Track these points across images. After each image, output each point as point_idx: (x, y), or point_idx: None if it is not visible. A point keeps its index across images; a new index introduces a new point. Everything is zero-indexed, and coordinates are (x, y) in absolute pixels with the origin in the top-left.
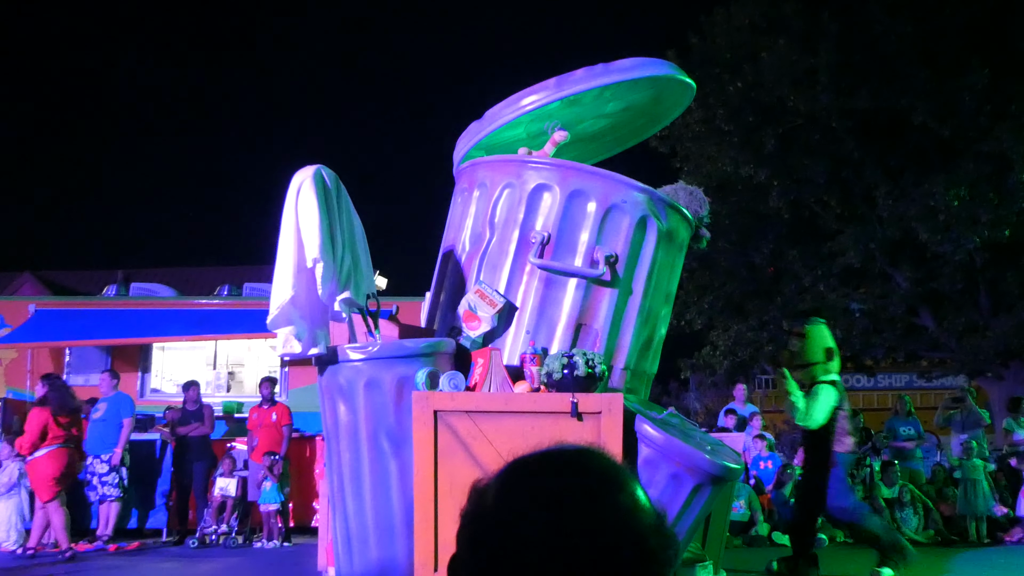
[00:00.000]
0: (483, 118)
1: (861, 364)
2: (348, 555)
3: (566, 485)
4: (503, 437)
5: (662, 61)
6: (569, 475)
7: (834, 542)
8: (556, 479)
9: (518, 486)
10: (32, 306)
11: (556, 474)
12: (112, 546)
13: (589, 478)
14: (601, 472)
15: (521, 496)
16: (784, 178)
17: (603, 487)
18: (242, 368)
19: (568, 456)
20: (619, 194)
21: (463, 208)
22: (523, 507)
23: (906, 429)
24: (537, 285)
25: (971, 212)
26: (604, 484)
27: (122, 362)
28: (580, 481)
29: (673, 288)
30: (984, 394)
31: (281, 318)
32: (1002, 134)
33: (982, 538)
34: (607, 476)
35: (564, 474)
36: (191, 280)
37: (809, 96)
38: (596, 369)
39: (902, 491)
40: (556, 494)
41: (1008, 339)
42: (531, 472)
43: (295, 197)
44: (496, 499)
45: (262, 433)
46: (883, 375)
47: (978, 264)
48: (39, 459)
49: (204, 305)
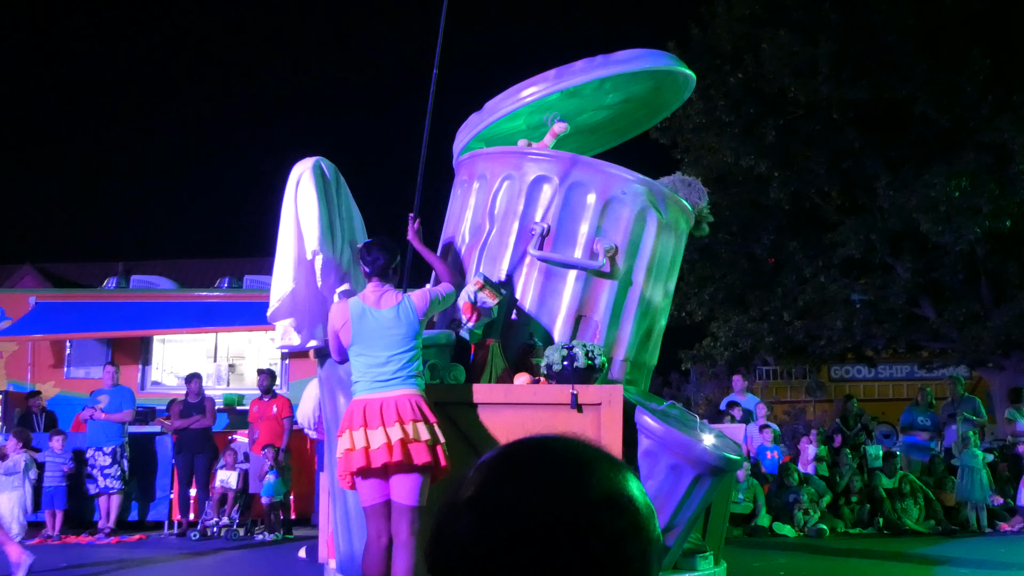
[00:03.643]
0: (483, 110)
1: (862, 355)
2: (348, 545)
3: (549, 470)
4: (503, 429)
5: (662, 52)
6: (551, 461)
7: (835, 532)
8: (539, 465)
9: (498, 473)
10: (32, 298)
11: (540, 460)
12: (114, 538)
13: (572, 463)
14: (587, 458)
15: (501, 483)
16: (785, 169)
17: (588, 471)
18: (243, 360)
19: (554, 443)
20: (619, 186)
21: (463, 200)
22: (505, 493)
23: (923, 419)
24: (537, 277)
25: (972, 203)
26: (589, 468)
27: (122, 354)
28: (563, 467)
29: (673, 279)
30: (985, 384)
31: (281, 310)
32: (1003, 124)
33: (982, 528)
34: (592, 461)
35: (548, 460)
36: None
37: (810, 87)
38: (596, 361)
39: (902, 481)
40: (538, 479)
41: (1009, 329)
42: (514, 459)
43: (294, 189)
44: (476, 487)
45: (263, 426)
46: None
47: (979, 255)
48: None
49: (204, 297)
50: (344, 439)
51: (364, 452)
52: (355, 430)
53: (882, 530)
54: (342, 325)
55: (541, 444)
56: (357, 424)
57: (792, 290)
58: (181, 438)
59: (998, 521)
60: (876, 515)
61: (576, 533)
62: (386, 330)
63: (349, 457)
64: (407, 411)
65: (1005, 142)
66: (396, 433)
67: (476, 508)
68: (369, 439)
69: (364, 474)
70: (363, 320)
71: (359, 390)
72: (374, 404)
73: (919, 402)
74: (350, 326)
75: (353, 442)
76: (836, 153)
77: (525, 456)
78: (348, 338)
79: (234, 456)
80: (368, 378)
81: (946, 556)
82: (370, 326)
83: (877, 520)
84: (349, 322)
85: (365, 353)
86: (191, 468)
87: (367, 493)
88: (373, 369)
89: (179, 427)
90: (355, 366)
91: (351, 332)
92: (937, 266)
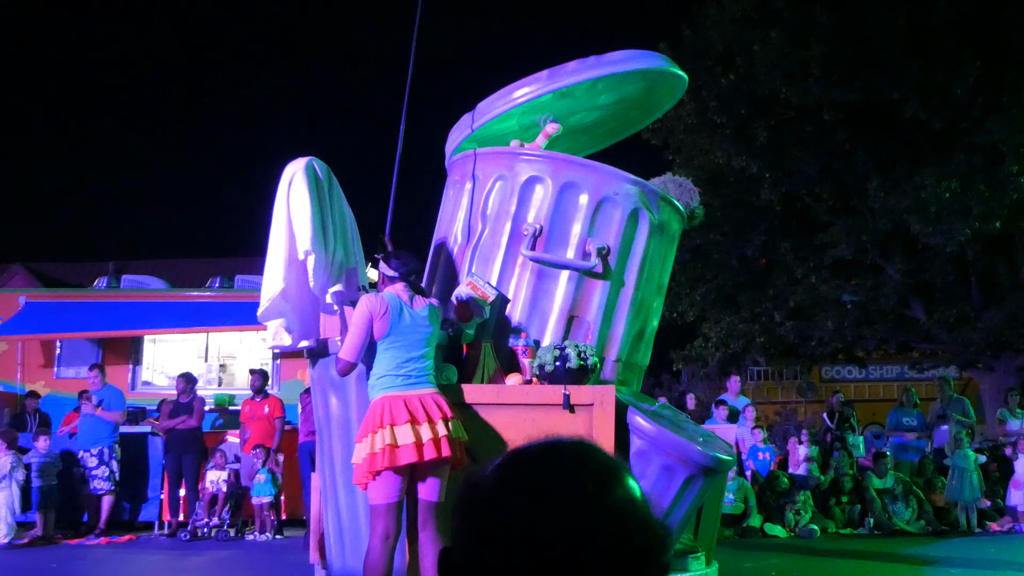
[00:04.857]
0: (475, 110)
1: (853, 355)
2: (340, 548)
3: (565, 478)
4: (495, 429)
5: (654, 53)
6: (567, 469)
7: (826, 533)
8: (554, 472)
9: (515, 480)
10: (22, 298)
11: (555, 467)
12: (104, 539)
13: (587, 472)
14: (599, 467)
15: (519, 490)
16: (776, 170)
17: (601, 482)
18: (234, 361)
19: (566, 449)
20: (611, 186)
21: (455, 200)
22: (521, 501)
23: (909, 420)
24: (529, 277)
25: (962, 204)
26: (602, 479)
27: (113, 354)
28: (578, 475)
29: (665, 280)
30: (975, 385)
31: (271, 311)
32: (993, 126)
33: (972, 528)
34: (605, 471)
35: (563, 467)
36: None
37: (801, 88)
38: (588, 361)
39: (895, 482)
40: (553, 488)
41: (999, 331)
42: (529, 465)
43: (287, 189)
44: (492, 492)
45: (254, 426)
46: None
47: (969, 256)
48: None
49: (195, 297)
50: (365, 444)
51: (390, 450)
52: (378, 431)
53: (873, 530)
54: (383, 314)
55: (568, 452)
56: (385, 422)
57: (783, 291)
58: (169, 438)
59: (987, 521)
60: (867, 515)
61: (598, 550)
62: (421, 328)
63: (373, 458)
64: (435, 409)
65: (995, 144)
66: (427, 432)
67: (495, 518)
68: (396, 436)
69: (384, 471)
70: (402, 315)
71: (384, 385)
72: (398, 401)
73: (904, 403)
74: (389, 317)
75: (373, 445)
76: (827, 154)
77: (546, 463)
78: (384, 329)
79: (224, 456)
80: (397, 373)
81: (937, 556)
82: (407, 322)
83: (868, 520)
84: (389, 313)
85: (396, 347)
86: (180, 468)
87: (384, 491)
88: (404, 365)
89: (167, 427)
90: (382, 360)
91: (389, 323)
92: (928, 267)
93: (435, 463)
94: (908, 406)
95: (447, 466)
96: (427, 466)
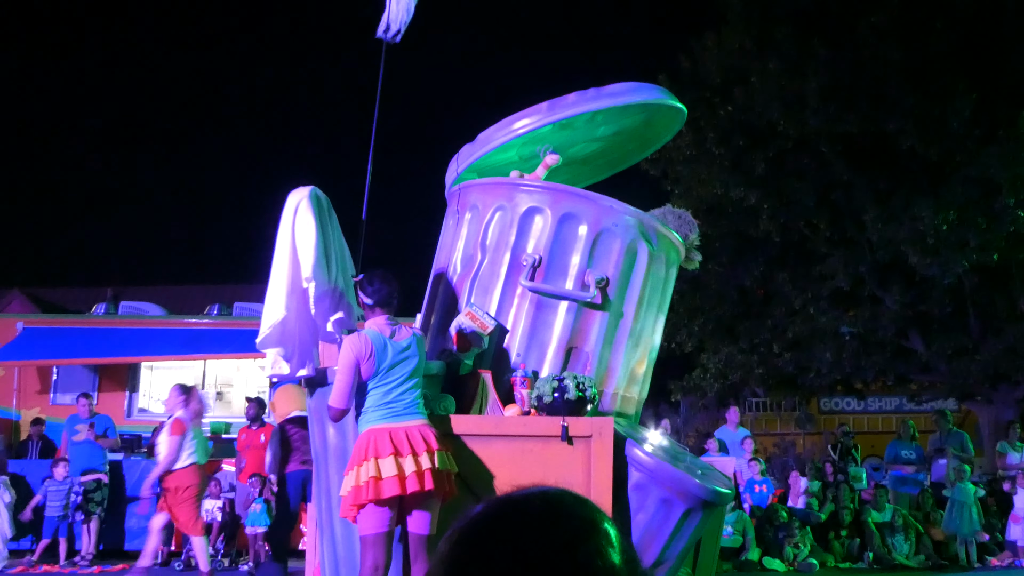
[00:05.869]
0: (475, 141)
1: (851, 387)
2: None
3: (534, 541)
4: (493, 461)
5: (653, 86)
6: (537, 525)
7: (825, 567)
8: (522, 529)
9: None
10: (20, 324)
11: (525, 528)
12: (96, 567)
13: (556, 529)
14: (574, 521)
15: (483, 550)
16: (774, 201)
17: (570, 539)
18: (231, 388)
19: (538, 506)
20: (610, 217)
21: (455, 230)
22: (485, 558)
23: (907, 453)
24: (528, 308)
25: (960, 236)
26: (573, 535)
27: (110, 381)
28: (548, 532)
29: (664, 311)
30: (973, 418)
31: (271, 338)
32: (989, 159)
33: (972, 562)
34: (579, 525)
35: (532, 524)
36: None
37: (799, 120)
38: (587, 392)
39: (894, 516)
40: (523, 552)
41: (997, 362)
42: (499, 527)
43: (292, 216)
44: (460, 548)
45: (250, 455)
46: (873, 398)
47: (967, 287)
48: None
49: (193, 324)
50: (351, 476)
51: (374, 483)
52: (363, 463)
53: (872, 564)
54: (368, 356)
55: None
56: (370, 455)
57: (781, 322)
58: None
59: (987, 556)
60: (866, 549)
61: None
62: (404, 362)
63: (358, 491)
64: (419, 442)
65: (992, 176)
66: (410, 465)
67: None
68: (380, 468)
69: (368, 504)
70: (385, 352)
71: (371, 420)
72: (384, 434)
73: (901, 435)
74: (375, 359)
75: (358, 477)
76: (825, 185)
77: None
78: (371, 370)
79: (219, 485)
80: (382, 408)
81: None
82: (392, 358)
83: (867, 554)
84: (375, 355)
85: (383, 384)
86: None
87: (372, 521)
88: (389, 399)
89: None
90: (370, 395)
91: (375, 365)
92: (925, 299)
93: (422, 496)
94: (906, 438)
95: (436, 499)
96: (415, 499)
